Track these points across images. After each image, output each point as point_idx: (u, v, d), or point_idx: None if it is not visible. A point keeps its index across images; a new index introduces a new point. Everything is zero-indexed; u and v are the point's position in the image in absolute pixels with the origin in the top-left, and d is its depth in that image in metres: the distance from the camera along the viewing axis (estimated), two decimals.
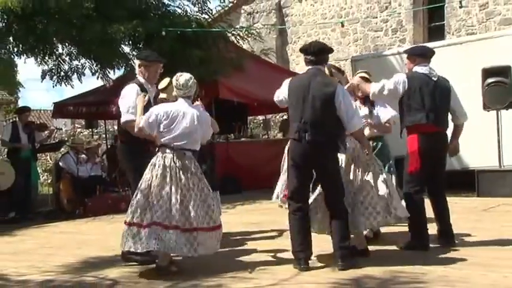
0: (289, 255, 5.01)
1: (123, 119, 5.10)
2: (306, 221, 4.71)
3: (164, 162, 4.64)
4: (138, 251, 4.62)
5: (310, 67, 4.75)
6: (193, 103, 4.94)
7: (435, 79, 5.24)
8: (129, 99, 5.06)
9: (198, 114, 4.74)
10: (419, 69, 5.25)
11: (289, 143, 4.81)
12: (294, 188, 4.71)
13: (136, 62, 5.41)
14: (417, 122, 5.10)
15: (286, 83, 4.86)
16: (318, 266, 4.68)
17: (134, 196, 4.69)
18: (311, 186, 4.82)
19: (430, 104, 5.13)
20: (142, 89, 5.13)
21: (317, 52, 4.73)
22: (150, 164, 4.72)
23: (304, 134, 4.54)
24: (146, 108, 4.87)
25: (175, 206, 4.54)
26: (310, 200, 4.83)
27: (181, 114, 4.69)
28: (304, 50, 4.83)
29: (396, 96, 5.18)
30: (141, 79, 5.25)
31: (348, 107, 4.61)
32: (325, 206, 4.72)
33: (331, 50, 4.93)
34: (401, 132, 5.26)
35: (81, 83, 10.90)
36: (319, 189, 4.82)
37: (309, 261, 4.64)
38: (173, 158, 4.64)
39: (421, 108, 5.10)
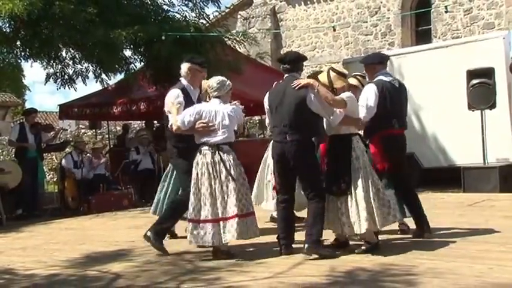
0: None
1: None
2: (290, 212, 4.96)
3: (206, 159, 4.85)
4: (196, 244, 4.96)
5: (286, 75, 4.99)
6: (230, 102, 5.11)
7: (397, 85, 5.37)
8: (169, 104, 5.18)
9: (228, 112, 4.93)
10: (384, 77, 5.34)
11: (270, 146, 5.09)
12: (280, 182, 4.99)
13: (186, 65, 5.32)
14: (389, 127, 5.21)
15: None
16: (312, 258, 4.66)
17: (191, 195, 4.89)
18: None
19: (397, 110, 5.28)
20: (185, 92, 5.19)
21: (291, 61, 4.99)
22: (194, 162, 4.91)
23: (285, 135, 4.80)
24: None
25: (221, 199, 4.79)
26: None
27: (214, 112, 4.90)
28: (280, 60, 5.15)
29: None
30: (184, 82, 5.29)
31: (323, 105, 4.75)
32: (333, 205, 4.83)
33: (304, 58, 5.18)
34: (370, 136, 5.26)
35: (85, 85, 10.90)
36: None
37: (291, 248, 4.86)
38: (212, 154, 4.84)
39: (391, 113, 5.22)
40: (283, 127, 4.83)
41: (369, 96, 5.16)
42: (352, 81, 5.34)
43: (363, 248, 4.81)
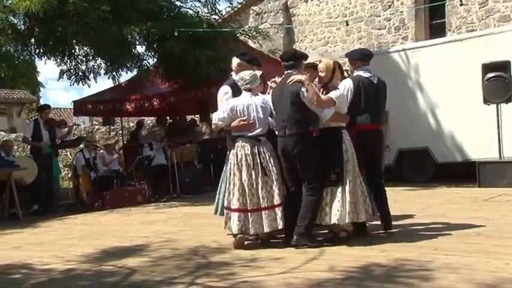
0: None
1: None
2: (297, 204, 5.02)
3: (245, 151, 5.00)
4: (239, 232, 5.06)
5: (285, 72, 5.14)
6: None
7: (375, 82, 5.43)
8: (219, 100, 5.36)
9: (261, 104, 5.09)
10: (362, 73, 5.43)
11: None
12: (287, 176, 5.13)
13: (236, 60, 5.48)
14: (362, 122, 5.29)
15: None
16: (325, 254, 4.66)
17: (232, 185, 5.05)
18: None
19: (372, 105, 5.34)
20: (234, 87, 5.27)
21: (288, 59, 5.16)
22: (231, 154, 5.09)
23: (285, 130, 4.98)
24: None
25: (260, 189, 4.96)
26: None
27: (247, 106, 5.05)
28: (280, 57, 5.39)
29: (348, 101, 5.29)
30: (234, 77, 5.36)
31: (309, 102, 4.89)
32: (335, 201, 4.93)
33: (303, 56, 5.27)
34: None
35: (95, 82, 10.96)
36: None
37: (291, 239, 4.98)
38: (251, 146, 4.99)
39: (364, 109, 5.29)
40: (282, 122, 5.01)
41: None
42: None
43: (341, 235, 5.03)
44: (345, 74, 5.66)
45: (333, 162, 4.93)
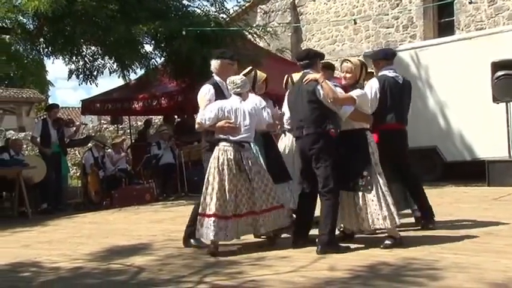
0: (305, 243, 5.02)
1: None
2: (310, 207, 4.98)
3: (227, 155, 4.85)
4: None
5: (302, 71, 5.07)
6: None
7: (401, 81, 5.46)
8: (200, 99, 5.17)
9: (249, 110, 4.96)
10: (387, 72, 5.46)
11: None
12: (303, 176, 5.04)
13: (216, 62, 5.24)
14: (387, 121, 5.33)
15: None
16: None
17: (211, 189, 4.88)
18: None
19: (397, 105, 5.37)
20: (217, 88, 5.12)
21: (303, 58, 5.08)
22: (212, 157, 4.89)
23: (302, 130, 4.87)
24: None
25: (241, 196, 4.86)
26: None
27: (234, 110, 4.92)
28: (296, 58, 5.36)
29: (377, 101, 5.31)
30: (216, 78, 5.21)
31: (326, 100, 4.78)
32: (349, 201, 4.82)
33: (318, 54, 5.17)
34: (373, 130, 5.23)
35: (97, 81, 10.99)
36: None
37: (300, 243, 4.93)
38: (233, 150, 4.85)
39: (390, 108, 5.33)
40: (299, 122, 4.91)
41: (368, 88, 5.26)
42: None
43: (387, 242, 4.72)
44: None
45: (360, 165, 4.73)
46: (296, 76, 5.38)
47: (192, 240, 5.23)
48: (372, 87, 5.28)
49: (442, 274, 3.89)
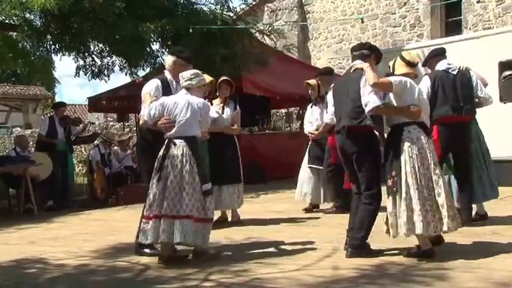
0: (311, 242, 5.00)
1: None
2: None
3: (164, 152, 4.59)
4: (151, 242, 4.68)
5: (351, 64, 4.86)
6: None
7: (455, 73, 5.42)
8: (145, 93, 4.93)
9: (191, 104, 4.59)
10: (440, 66, 5.48)
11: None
12: (348, 174, 4.80)
13: (170, 58, 5.02)
14: (443, 114, 5.29)
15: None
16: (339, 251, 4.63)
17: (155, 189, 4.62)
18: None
19: (451, 97, 5.32)
20: (165, 84, 4.89)
21: (356, 49, 4.75)
22: (159, 156, 4.63)
23: (344, 124, 4.57)
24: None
25: (170, 195, 4.50)
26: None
27: (175, 104, 4.60)
28: (350, 49, 4.94)
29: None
30: (167, 74, 4.99)
31: (363, 90, 4.41)
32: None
33: (371, 48, 4.72)
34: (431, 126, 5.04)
35: (108, 79, 10.98)
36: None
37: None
38: (168, 147, 4.57)
39: (444, 101, 5.30)
40: (343, 114, 4.57)
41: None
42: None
43: (412, 252, 4.38)
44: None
45: (389, 164, 4.36)
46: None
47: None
48: (423, 82, 5.21)
49: (449, 274, 3.87)
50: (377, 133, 4.54)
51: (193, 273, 4.34)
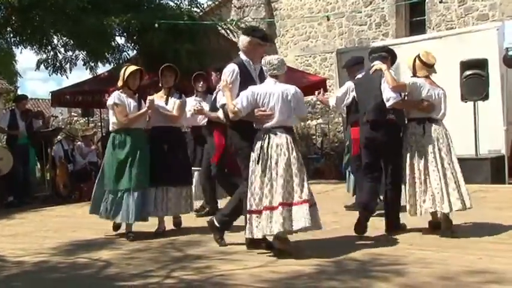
0: None
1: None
2: (377, 185, 5.29)
3: (262, 143, 4.48)
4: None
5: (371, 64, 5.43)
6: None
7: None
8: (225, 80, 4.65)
9: (283, 92, 4.53)
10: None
11: None
12: (367, 163, 5.34)
13: (246, 38, 4.74)
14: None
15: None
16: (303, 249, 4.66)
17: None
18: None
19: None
20: (242, 68, 4.68)
21: (375, 51, 5.49)
22: (254, 147, 4.53)
23: (369, 118, 5.17)
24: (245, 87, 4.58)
25: (284, 184, 4.37)
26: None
27: (269, 95, 4.51)
28: (369, 51, 5.65)
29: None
30: (243, 56, 4.76)
31: (383, 87, 5.08)
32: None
33: (389, 52, 5.49)
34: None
35: (70, 73, 10.86)
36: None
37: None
38: (268, 138, 4.48)
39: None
40: (368, 109, 5.14)
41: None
42: None
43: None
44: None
45: (412, 153, 5.08)
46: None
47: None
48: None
49: (407, 269, 3.94)
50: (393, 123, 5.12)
51: (155, 269, 4.31)
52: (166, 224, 5.82)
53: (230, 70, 4.67)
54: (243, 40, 4.79)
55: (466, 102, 8.98)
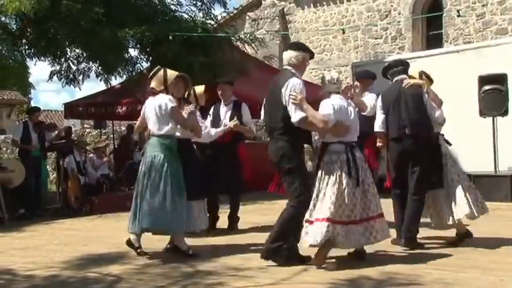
0: None
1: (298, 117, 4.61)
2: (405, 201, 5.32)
3: (348, 156, 4.59)
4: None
5: (397, 77, 5.52)
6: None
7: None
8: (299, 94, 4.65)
9: (352, 106, 4.86)
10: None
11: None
12: (396, 177, 5.46)
13: (298, 53, 4.79)
14: None
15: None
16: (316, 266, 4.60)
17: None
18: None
19: None
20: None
21: (398, 64, 5.66)
22: (328, 162, 4.61)
23: (404, 130, 5.30)
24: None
25: (361, 198, 4.61)
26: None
27: (344, 108, 4.71)
28: (388, 66, 5.73)
29: None
30: (293, 71, 4.78)
31: (429, 105, 5.39)
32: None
33: (407, 63, 5.73)
34: None
35: (82, 84, 10.93)
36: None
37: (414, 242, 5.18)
38: (351, 151, 4.62)
39: None
40: (402, 122, 5.22)
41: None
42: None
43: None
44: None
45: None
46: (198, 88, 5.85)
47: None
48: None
49: None
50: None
51: (166, 285, 4.28)
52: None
53: (299, 83, 4.67)
54: (297, 55, 4.80)
55: (484, 117, 8.89)
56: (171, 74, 5.35)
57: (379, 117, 5.50)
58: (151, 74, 5.43)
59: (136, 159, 10.55)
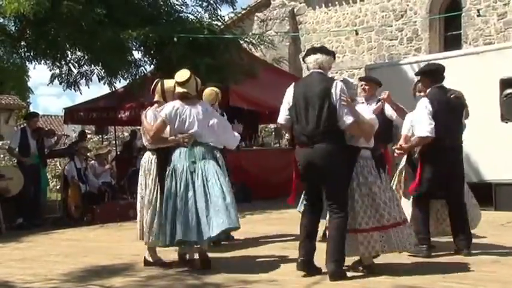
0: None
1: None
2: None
3: (367, 163, 4.78)
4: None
5: (438, 85, 5.80)
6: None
7: None
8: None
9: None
10: None
11: None
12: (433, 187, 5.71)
13: (332, 58, 5.06)
14: None
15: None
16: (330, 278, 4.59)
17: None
18: None
19: None
20: None
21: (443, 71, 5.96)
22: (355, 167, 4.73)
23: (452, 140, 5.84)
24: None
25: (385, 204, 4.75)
26: None
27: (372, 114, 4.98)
28: (424, 71, 6.00)
29: None
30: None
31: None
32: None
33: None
34: None
35: (88, 87, 10.98)
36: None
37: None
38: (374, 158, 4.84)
39: None
40: (455, 134, 5.75)
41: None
42: None
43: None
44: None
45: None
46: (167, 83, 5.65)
47: None
48: None
49: None
50: None
51: None
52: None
53: (344, 86, 4.80)
54: (328, 60, 4.99)
55: (506, 122, 8.83)
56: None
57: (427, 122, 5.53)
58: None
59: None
